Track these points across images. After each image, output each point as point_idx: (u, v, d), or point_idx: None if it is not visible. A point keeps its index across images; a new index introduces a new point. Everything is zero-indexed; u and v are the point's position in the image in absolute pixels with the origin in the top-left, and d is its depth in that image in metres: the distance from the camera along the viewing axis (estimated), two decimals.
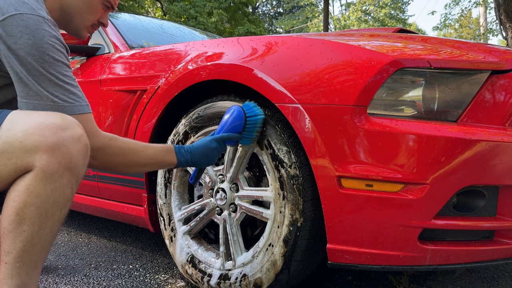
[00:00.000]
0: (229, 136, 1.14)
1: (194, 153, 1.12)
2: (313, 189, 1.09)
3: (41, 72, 0.86)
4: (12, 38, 0.84)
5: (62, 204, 0.84)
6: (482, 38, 18.00)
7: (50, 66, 0.87)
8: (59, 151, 0.81)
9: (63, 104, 0.90)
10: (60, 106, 0.89)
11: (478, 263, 1.03)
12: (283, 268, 1.13)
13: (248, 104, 1.16)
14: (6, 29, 0.84)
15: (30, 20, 0.86)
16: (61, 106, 0.90)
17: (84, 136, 0.86)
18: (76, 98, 0.93)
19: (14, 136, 0.80)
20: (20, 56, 0.85)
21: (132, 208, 1.59)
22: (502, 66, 1.04)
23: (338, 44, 1.08)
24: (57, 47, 0.89)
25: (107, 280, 1.46)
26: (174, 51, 1.50)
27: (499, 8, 6.21)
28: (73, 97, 0.92)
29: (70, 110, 0.91)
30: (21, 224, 0.80)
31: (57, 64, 0.89)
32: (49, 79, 0.87)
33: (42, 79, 0.87)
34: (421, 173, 0.96)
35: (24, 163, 0.80)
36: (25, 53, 0.85)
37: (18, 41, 0.84)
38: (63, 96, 0.90)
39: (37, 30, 0.86)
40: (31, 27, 0.85)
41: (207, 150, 1.13)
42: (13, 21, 0.84)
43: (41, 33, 0.86)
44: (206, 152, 1.13)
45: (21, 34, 0.85)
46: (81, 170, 0.86)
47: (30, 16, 0.86)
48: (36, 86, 0.87)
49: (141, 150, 1.05)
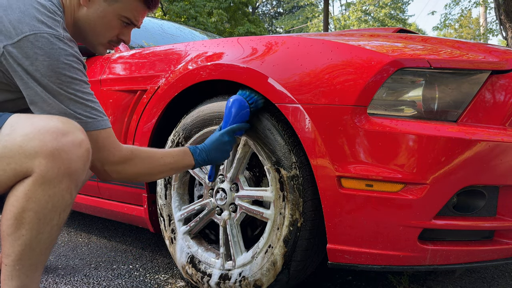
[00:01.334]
0: (239, 127, 1.15)
1: (208, 150, 1.13)
2: (313, 189, 1.09)
3: (60, 92, 0.86)
4: (28, 60, 0.83)
5: (61, 209, 0.84)
6: (482, 38, 18.00)
7: (67, 86, 0.87)
8: (59, 156, 0.80)
9: (86, 120, 0.90)
10: (83, 122, 0.90)
11: (478, 263, 1.03)
12: (283, 268, 1.13)
13: (244, 92, 1.16)
14: (21, 50, 0.83)
15: (44, 40, 0.84)
16: (84, 122, 0.90)
17: (85, 141, 0.85)
18: (98, 113, 0.93)
19: (14, 140, 0.80)
20: (37, 77, 0.84)
21: (132, 208, 1.59)
22: (502, 66, 1.04)
23: (338, 44, 1.08)
24: (73, 65, 0.88)
25: (107, 280, 1.45)
26: (174, 51, 1.50)
27: (499, 8, 6.21)
28: (95, 113, 0.92)
29: (94, 126, 0.92)
30: (19, 228, 0.80)
31: (75, 82, 0.88)
32: (69, 98, 0.87)
33: (62, 98, 0.87)
34: (421, 173, 0.96)
35: (23, 168, 0.79)
36: (41, 75, 0.84)
37: (34, 63, 0.84)
38: (86, 112, 0.90)
39: (53, 49, 0.85)
40: (45, 48, 0.84)
41: (220, 145, 1.13)
42: (27, 42, 0.83)
43: (57, 53, 0.85)
44: (220, 147, 1.14)
45: (36, 55, 0.84)
46: (81, 176, 0.85)
47: (45, 35, 0.84)
48: (58, 105, 0.87)
49: (160, 157, 1.05)
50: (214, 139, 1.14)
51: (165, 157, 1.06)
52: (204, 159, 1.12)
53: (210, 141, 1.14)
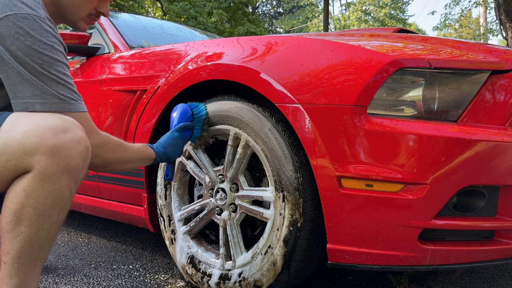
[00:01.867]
0: (185, 125, 1.25)
1: (164, 146, 1.21)
2: (313, 189, 1.09)
3: (42, 72, 0.86)
4: (9, 39, 0.83)
5: (60, 206, 0.83)
6: (482, 38, 18.00)
7: (50, 66, 0.87)
8: (59, 153, 0.80)
9: (69, 101, 0.90)
10: (66, 103, 0.89)
11: (478, 263, 1.03)
12: (283, 268, 1.13)
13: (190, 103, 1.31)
14: (2, 29, 0.83)
15: (26, 20, 0.84)
16: (67, 103, 0.90)
17: (84, 138, 0.85)
18: (78, 96, 0.94)
19: (14, 137, 0.80)
20: (19, 57, 0.84)
21: (132, 208, 1.59)
22: (502, 66, 1.04)
23: (338, 44, 1.08)
24: (55, 46, 0.88)
25: (107, 280, 1.45)
26: (174, 51, 1.50)
27: (499, 8, 6.21)
28: (76, 96, 0.93)
29: (76, 108, 0.92)
30: (18, 225, 0.80)
31: (57, 64, 0.88)
32: (51, 78, 0.87)
33: (45, 79, 0.86)
34: (421, 173, 0.96)
35: (23, 165, 0.79)
36: (23, 54, 0.84)
37: (15, 42, 0.83)
38: (68, 94, 0.90)
39: (34, 30, 0.85)
40: (27, 28, 0.84)
41: (173, 140, 1.22)
42: (8, 22, 0.83)
43: (38, 33, 0.85)
44: (173, 142, 1.22)
45: (18, 35, 0.83)
46: (80, 173, 0.85)
47: (26, 15, 0.84)
48: (41, 85, 0.86)
49: (129, 146, 1.11)
50: (166, 136, 1.23)
51: (132, 147, 1.12)
52: (162, 152, 1.19)
53: (163, 138, 1.23)
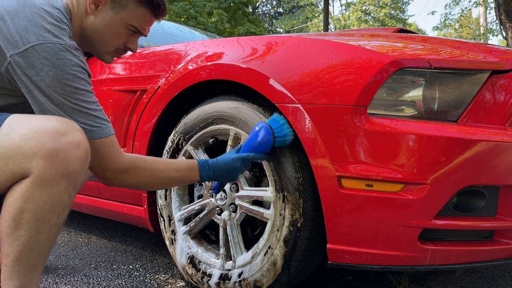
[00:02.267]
0: (255, 157, 1.11)
1: (217, 169, 1.10)
2: (313, 189, 1.09)
3: (64, 102, 0.87)
4: (33, 69, 0.84)
5: (59, 210, 0.83)
6: (482, 38, 18.00)
7: (71, 96, 0.87)
8: (57, 157, 0.80)
9: (90, 129, 0.91)
10: (88, 131, 0.90)
11: (478, 263, 1.03)
12: (283, 269, 1.13)
13: (277, 120, 1.09)
14: (27, 60, 0.83)
15: (50, 50, 0.84)
16: (88, 131, 0.91)
17: (84, 141, 0.85)
18: (101, 121, 0.94)
19: (12, 141, 0.80)
20: (42, 88, 0.85)
21: (132, 208, 1.59)
22: (502, 66, 1.04)
23: (338, 44, 1.08)
24: (78, 75, 0.88)
25: (107, 280, 1.45)
26: (174, 51, 1.50)
27: (499, 8, 6.21)
28: (98, 121, 0.93)
29: (97, 134, 0.92)
30: (17, 229, 0.80)
31: (79, 93, 0.89)
32: (73, 108, 0.88)
33: (66, 108, 0.87)
34: (421, 173, 0.96)
35: (21, 169, 0.79)
36: (46, 85, 0.85)
37: (40, 73, 0.84)
38: (89, 121, 0.91)
39: (58, 60, 0.85)
40: (51, 58, 0.84)
41: (230, 169, 1.10)
42: (33, 52, 0.83)
43: (62, 63, 0.85)
44: (229, 170, 1.10)
45: (42, 66, 0.84)
46: (79, 176, 0.85)
47: (50, 45, 0.84)
48: (63, 115, 0.87)
49: (162, 170, 1.05)
50: (227, 160, 1.10)
51: (168, 170, 1.05)
52: (210, 177, 1.10)
53: (222, 161, 1.11)
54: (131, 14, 1.00)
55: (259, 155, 1.11)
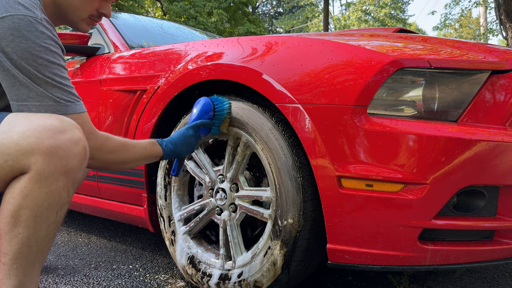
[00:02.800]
0: (202, 123, 1.20)
1: (175, 143, 1.17)
2: (313, 189, 1.09)
3: (37, 75, 0.85)
4: (4, 41, 0.82)
5: (58, 207, 0.83)
6: (482, 38, 18.00)
7: (45, 69, 0.86)
8: (56, 154, 0.80)
9: (65, 103, 0.89)
10: (62, 105, 0.89)
11: (478, 263, 1.03)
12: (283, 269, 1.13)
13: (215, 96, 1.24)
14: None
15: (21, 22, 0.83)
16: (63, 105, 0.89)
17: (82, 139, 0.85)
18: (75, 97, 0.92)
19: (11, 138, 0.80)
20: (14, 59, 0.83)
21: (132, 208, 1.59)
22: (502, 66, 1.04)
23: (338, 44, 1.08)
24: (51, 48, 0.87)
25: (107, 280, 1.45)
26: (174, 51, 1.50)
27: (499, 8, 6.21)
28: (73, 97, 0.92)
29: (72, 109, 0.91)
30: (16, 226, 0.80)
31: (52, 66, 0.87)
32: (46, 81, 0.86)
33: (40, 81, 0.85)
34: (421, 173, 0.96)
35: (20, 166, 0.79)
36: (18, 57, 0.83)
37: (10, 44, 0.82)
38: (63, 96, 0.89)
39: (30, 32, 0.83)
40: (22, 30, 0.83)
41: (185, 138, 1.18)
42: (3, 23, 0.82)
43: (34, 35, 0.84)
44: (185, 141, 1.18)
45: (13, 37, 0.82)
46: (78, 174, 0.85)
47: (22, 17, 0.83)
48: (36, 87, 0.85)
49: (133, 146, 1.08)
50: (180, 133, 1.19)
51: (137, 146, 1.10)
52: (171, 149, 1.16)
53: (176, 134, 1.19)
54: None
55: (205, 120, 1.21)
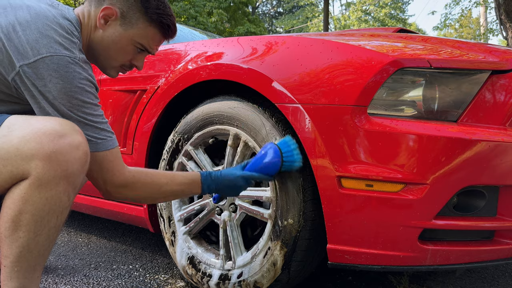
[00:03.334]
0: (260, 178, 1.10)
1: (220, 184, 1.09)
2: (313, 189, 1.09)
3: (70, 115, 0.87)
4: (42, 81, 0.84)
5: (58, 212, 0.83)
6: (482, 38, 18.00)
7: (78, 109, 0.88)
8: (56, 159, 0.80)
9: (95, 141, 0.91)
10: (93, 144, 0.91)
11: (478, 263, 1.03)
12: (283, 269, 1.13)
13: (288, 144, 1.07)
14: (36, 71, 0.84)
15: (60, 62, 0.84)
16: (94, 143, 0.91)
17: (83, 143, 0.85)
18: (107, 134, 0.94)
19: (10, 142, 0.79)
20: (49, 99, 0.85)
21: (132, 208, 1.58)
22: (502, 66, 1.04)
23: (338, 44, 1.08)
24: (86, 88, 0.89)
25: (107, 280, 1.45)
26: (174, 51, 1.50)
27: (499, 8, 6.21)
28: (104, 133, 0.93)
29: (104, 146, 0.93)
30: (16, 230, 0.80)
31: (86, 106, 0.89)
32: (78, 120, 0.88)
33: (73, 120, 0.87)
34: (421, 173, 0.96)
35: (20, 171, 0.79)
36: (53, 97, 0.85)
37: (48, 84, 0.84)
38: (95, 134, 0.91)
39: (67, 73, 0.85)
40: (60, 71, 0.85)
41: (233, 186, 1.10)
42: (43, 63, 0.84)
43: (71, 76, 0.86)
44: (232, 187, 1.10)
45: (50, 77, 0.84)
46: (78, 178, 0.85)
47: (60, 58, 0.85)
48: None
49: (165, 184, 1.04)
50: (232, 178, 1.09)
51: (170, 184, 1.05)
52: (212, 190, 1.10)
53: (227, 176, 1.09)
54: (139, 33, 0.99)
55: (264, 176, 1.10)
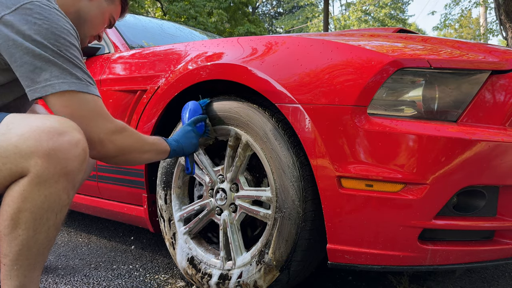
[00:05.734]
0: (196, 118, 1.26)
1: (177, 139, 1.21)
2: (313, 189, 1.09)
3: (60, 54, 0.86)
4: (27, 24, 0.84)
5: (57, 210, 0.83)
6: (482, 38, 18.00)
7: (66, 49, 0.88)
8: (55, 156, 0.80)
9: (86, 83, 0.91)
10: (84, 84, 0.90)
11: (478, 263, 1.03)
12: (283, 268, 1.13)
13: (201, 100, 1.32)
14: (19, 17, 0.84)
15: (42, 6, 0.87)
16: (85, 84, 0.90)
17: (82, 140, 0.85)
18: (92, 81, 0.94)
19: (9, 140, 0.79)
20: (37, 40, 0.84)
21: (132, 208, 1.59)
22: (502, 66, 1.04)
23: (338, 44, 1.08)
24: (71, 31, 0.90)
25: (107, 280, 1.45)
26: (174, 51, 1.50)
27: (499, 8, 6.21)
28: (91, 80, 0.94)
29: (93, 90, 0.92)
30: (16, 228, 0.80)
31: (73, 48, 0.90)
32: (69, 60, 0.88)
33: (63, 60, 0.87)
34: (421, 173, 0.96)
35: (19, 168, 0.79)
36: (41, 38, 0.85)
37: (33, 27, 0.84)
38: (84, 76, 0.91)
39: (50, 15, 0.87)
40: (44, 13, 0.86)
41: (186, 134, 1.23)
42: (25, 9, 0.85)
43: (55, 18, 0.87)
44: (186, 136, 1.23)
45: (35, 20, 0.85)
46: (77, 176, 0.85)
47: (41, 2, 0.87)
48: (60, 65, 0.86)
49: (145, 137, 1.10)
50: (180, 131, 1.24)
51: (148, 137, 1.12)
52: (176, 145, 1.19)
53: (177, 133, 1.24)
54: (115, 8, 1.16)
55: (199, 116, 1.27)
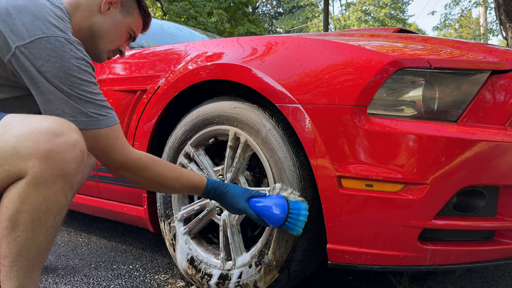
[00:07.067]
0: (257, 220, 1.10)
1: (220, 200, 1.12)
2: (313, 189, 1.09)
3: (71, 92, 0.89)
4: (40, 60, 0.86)
5: (56, 211, 0.83)
6: (482, 38, 18.00)
7: (78, 87, 0.90)
8: (53, 158, 0.80)
9: (97, 117, 0.93)
10: (95, 120, 0.92)
11: (478, 263, 1.03)
12: (283, 269, 1.13)
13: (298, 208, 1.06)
14: (33, 51, 0.85)
15: (56, 43, 0.87)
16: (95, 120, 0.93)
17: (80, 142, 0.85)
18: (107, 110, 0.96)
19: (7, 141, 0.79)
20: (48, 78, 0.87)
21: (132, 208, 1.59)
22: (502, 66, 1.04)
23: (338, 44, 1.08)
24: (83, 67, 0.91)
25: (107, 280, 1.45)
26: (174, 51, 1.50)
27: (499, 8, 6.21)
28: (104, 110, 0.95)
29: (105, 123, 0.94)
30: (14, 230, 0.80)
31: (85, 84, 0.91)
32: (79, 97, 0.90)
33: (73, 98, 0.89)
34: (421, 173, 0.96)
35: (17, 170, 0.79)
36: (52, 76, 0.87)
37: (46, 64, 0.86)
38: (95, 110, 0.93)
39: (64, 53, 0.88)
40: (57, 51, 0.87)
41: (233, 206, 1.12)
42: (39, 44, 0.86)
43: (68, 56, 0.88)
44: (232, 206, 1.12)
45: (48, 57, 0.86)
46: (75, 177, 0.85)
47: (56, 38, 0.87)
48: (71, 103, 0.89)
49: (169, 179, 1.07)
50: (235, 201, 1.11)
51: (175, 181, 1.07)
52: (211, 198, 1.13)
53: (231, 196, 1.11)
54: (134, 22, 1.13)
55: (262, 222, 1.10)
